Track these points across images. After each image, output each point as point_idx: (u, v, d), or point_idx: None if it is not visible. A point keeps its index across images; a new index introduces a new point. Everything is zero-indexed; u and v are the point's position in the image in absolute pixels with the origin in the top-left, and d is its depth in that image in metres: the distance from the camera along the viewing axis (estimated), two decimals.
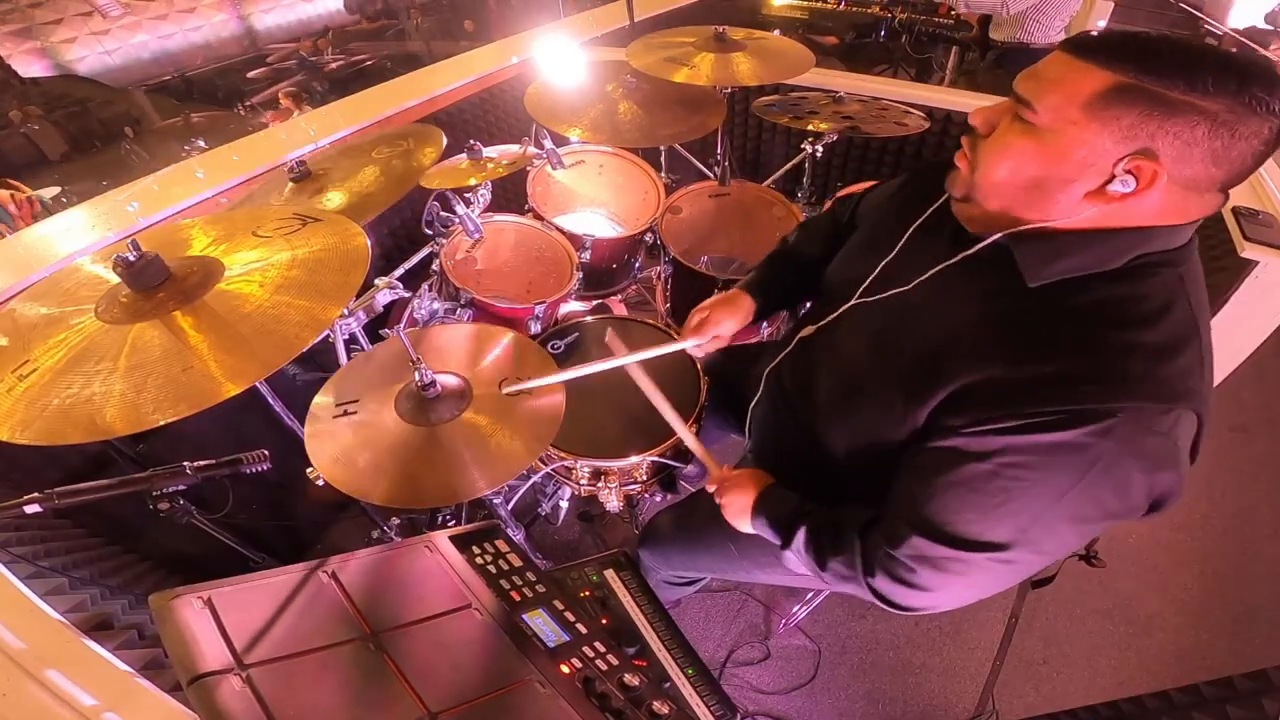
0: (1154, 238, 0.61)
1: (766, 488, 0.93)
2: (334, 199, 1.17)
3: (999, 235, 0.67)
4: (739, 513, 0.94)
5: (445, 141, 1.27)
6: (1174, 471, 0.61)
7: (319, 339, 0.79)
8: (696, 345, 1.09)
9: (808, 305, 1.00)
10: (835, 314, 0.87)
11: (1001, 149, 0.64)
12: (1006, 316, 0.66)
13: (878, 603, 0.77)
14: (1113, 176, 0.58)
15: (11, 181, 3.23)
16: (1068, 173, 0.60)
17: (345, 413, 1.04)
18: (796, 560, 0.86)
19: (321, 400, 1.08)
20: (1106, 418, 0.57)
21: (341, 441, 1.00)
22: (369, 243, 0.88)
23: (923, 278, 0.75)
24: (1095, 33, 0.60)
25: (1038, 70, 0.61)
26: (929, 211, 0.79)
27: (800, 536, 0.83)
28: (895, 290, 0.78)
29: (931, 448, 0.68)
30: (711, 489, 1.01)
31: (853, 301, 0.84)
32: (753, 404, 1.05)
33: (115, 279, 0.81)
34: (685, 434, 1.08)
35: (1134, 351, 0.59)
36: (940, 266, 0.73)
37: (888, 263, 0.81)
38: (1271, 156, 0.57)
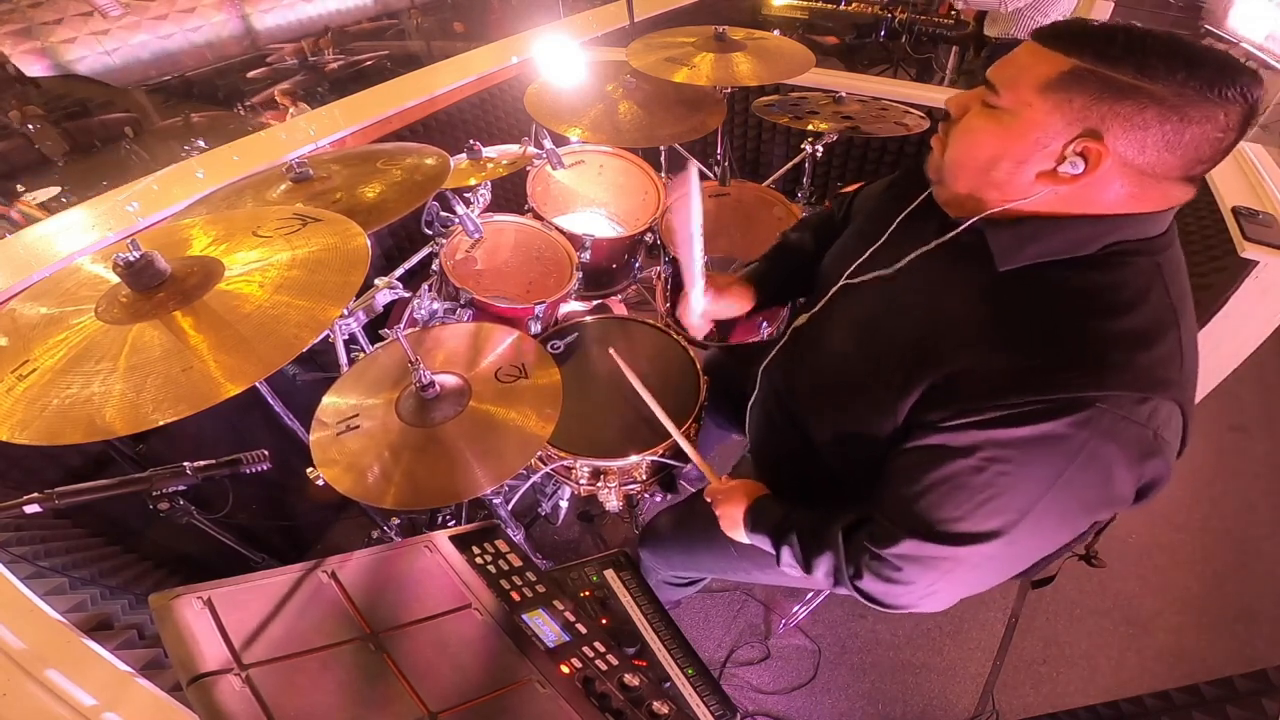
0: (1127, 225, 0.61)
1: (757, 499, 0.93)
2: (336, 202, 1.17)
3: (975, 219, 0.67)
4: (733, 525, 0.95)
5: (451, 165, 1.28)
6: (1158, 459, 0.61)
7: (319, 339, 0.79)
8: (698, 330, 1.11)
9: (802, 300, 1.01)
10: (825, 299, 0.87)
11: (966, 130, 0.67)
12: (985, 305, 0.66)
13: (865, 602, 0.77)
14: (1064, 158, 0.59)
15: None
16: (1021, 153, 0.62)
17: (348, 428, 1.04)
18: (789, 569, 0.87)
19: (326, 408, 1.08)
20: (1085, 408, 0.58)
21: (348, 451, 1.01)
22: (369, 243, 0.88)
23: (902, 262, 0.76)
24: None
25: (1008, 58, 0.63)
26: (917, 201, 0.80)
27: (786, 548, 0.84)
28: (878, 272, 0.78)
29: (914, 447, 0.69)
30: (709, 500, 1.01)
31: (839, 284, 0.85)
32: (750, 403, 1.05)
33: (115, 279, 0.81)
34: (685, 444, 1.10)
35: (1110, 340, 0.59)
36: (919, 251, 0.74)
37: (875, 248, 0.82)
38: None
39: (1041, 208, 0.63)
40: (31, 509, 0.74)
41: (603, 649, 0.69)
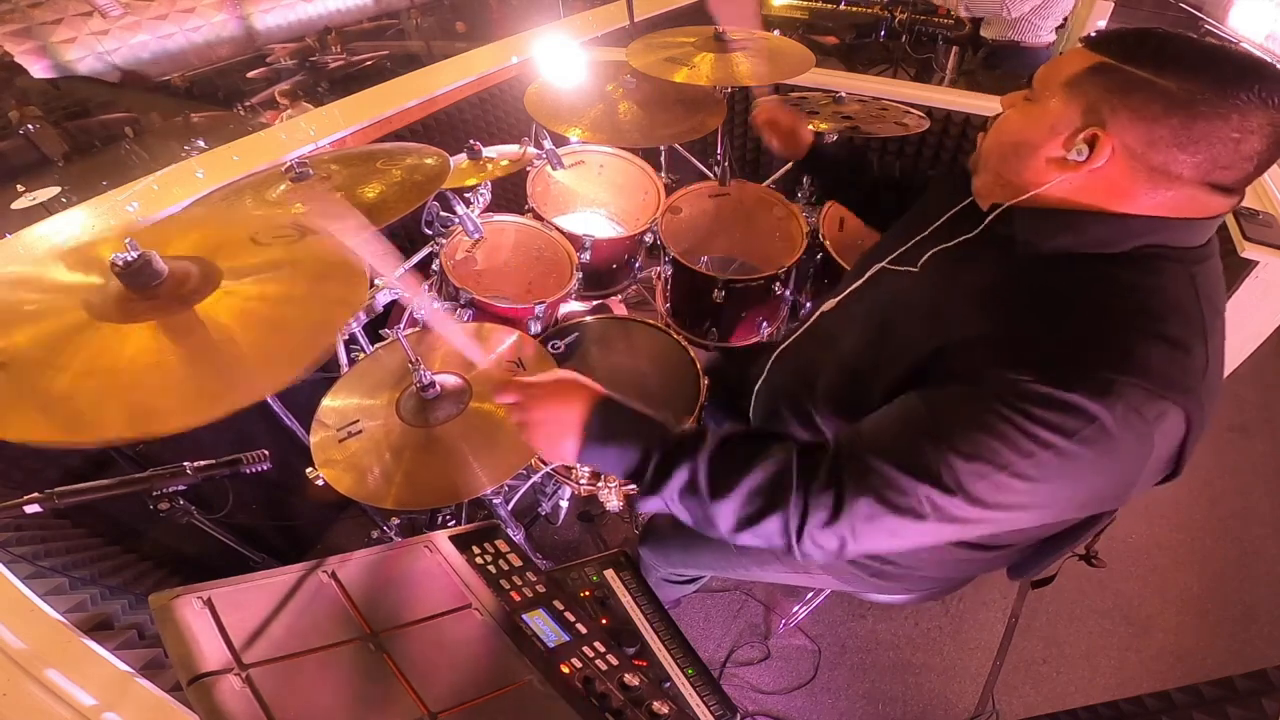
0: (1160, 229, 0.61)
1: (605, 397, 0.73)
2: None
3: (999, 210, 0.70)
4: (561, 432, 0.71)
5: (451, 165, 1.27)
6: (1150, 461, 0.59)
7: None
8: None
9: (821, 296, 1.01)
10: (857, 284, 0.89)
11: (1001, 121, 0.73)
12: (1005, 289, 0.67)
13: (784, 547, 0.67)
14: (1071, 145, 0.62)
15: None
16: (1037, 138, 0.66)
17: (350, 434, 1.04)
18: (672, 503, 0.70)
19: (326, 409, 1.08)
20: (1101, 396, 0.56)
21: (348, 451, 1.01)
22: None
23: (924, 257, 0.78)
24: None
25: (1055, 60, 0.67)
26: (961, 204, 0.80)
27: (685, 467, 0.68)
28: (905, 267, 0.81)
29: (916, 392, 0.66)
30: (502, 400, 0.76)
31: (872, 270, 0.87)
32: (756, 388, 1.04)
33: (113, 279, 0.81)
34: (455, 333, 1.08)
35: (1131, 333, 0.59)
36: (938, 248, 0.76)
37: (913, 243, 0.83)
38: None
39: (1067, 195, 0.65)
40: (31, 509, 0.74)
41: (603, 649, 0.69)
